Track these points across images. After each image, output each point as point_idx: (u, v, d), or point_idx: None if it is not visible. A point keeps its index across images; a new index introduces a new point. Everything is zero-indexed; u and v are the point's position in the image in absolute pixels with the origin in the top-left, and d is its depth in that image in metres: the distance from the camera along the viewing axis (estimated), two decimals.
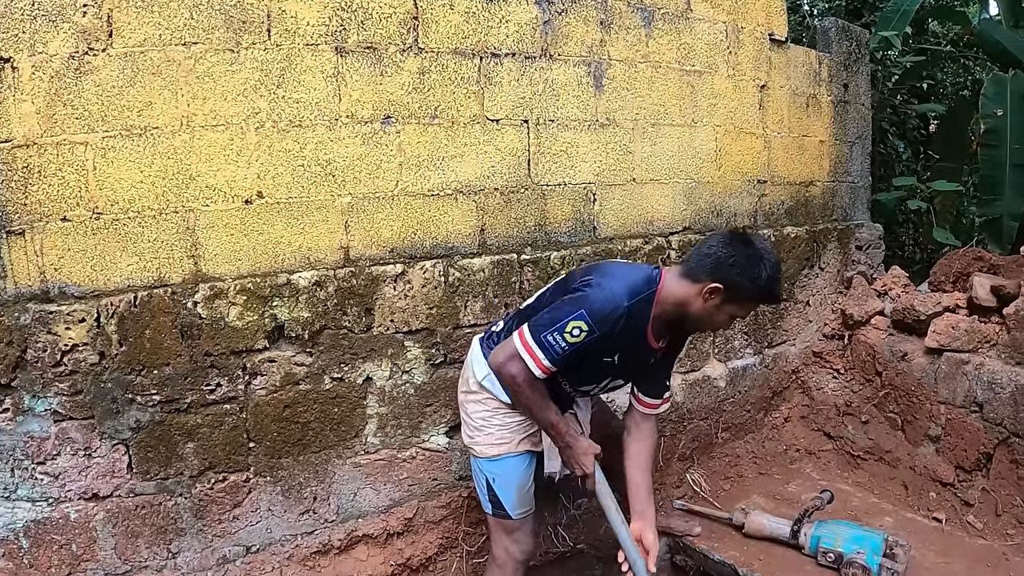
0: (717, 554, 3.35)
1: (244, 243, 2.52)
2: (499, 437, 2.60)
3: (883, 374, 3.90)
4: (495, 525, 2.71)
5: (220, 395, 2.55)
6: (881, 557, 3.03)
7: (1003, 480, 3.33)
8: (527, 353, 2.33)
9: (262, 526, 2.72)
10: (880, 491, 3.82)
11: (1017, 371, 3.30)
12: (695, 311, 2.44)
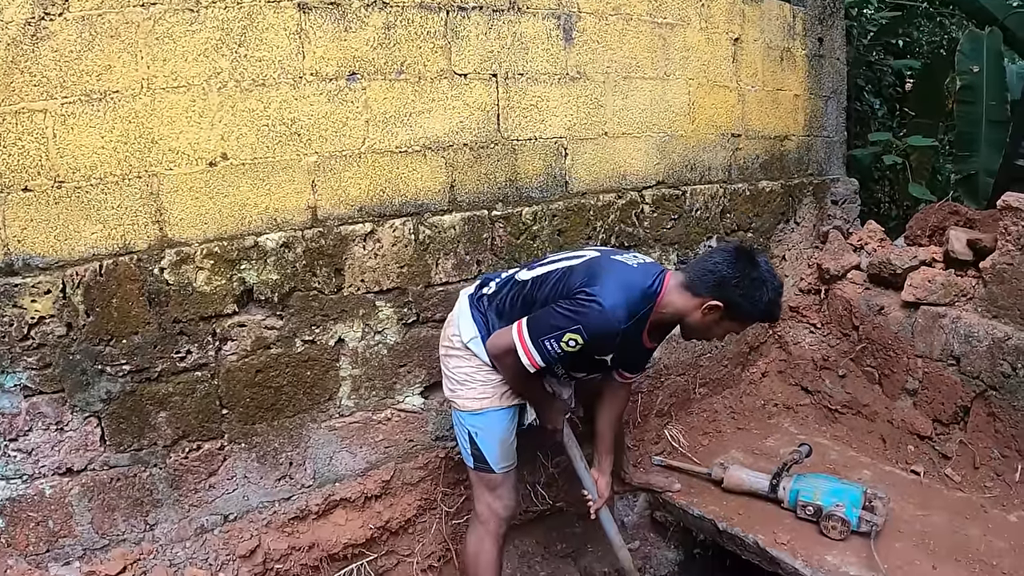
0: (696, 509, 3.45)
1: (209, 206, 2.51)
2: (482, 392, 2.67)
3: (860, 328, 3.99)
4: (477, 482, 2.77)
5: (191, 362, 2.56)
6: (860, 510, 3.15)
7: (980, 433, 3.45)
8: (523, 351, 2.45)
9: (239, 494, 2.76)
10: (858, 445, 3.95)
11: (994, 324, 3.40)
12: (692, 322, 2.57)
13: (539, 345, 2.42)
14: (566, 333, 2.38)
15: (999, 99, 5.32)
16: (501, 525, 2.78)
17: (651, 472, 3.69)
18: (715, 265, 2.48)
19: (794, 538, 3.16)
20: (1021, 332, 3.29)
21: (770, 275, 2.48)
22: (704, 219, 3.90)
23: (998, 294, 3.40)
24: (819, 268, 4.27)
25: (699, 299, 2.49)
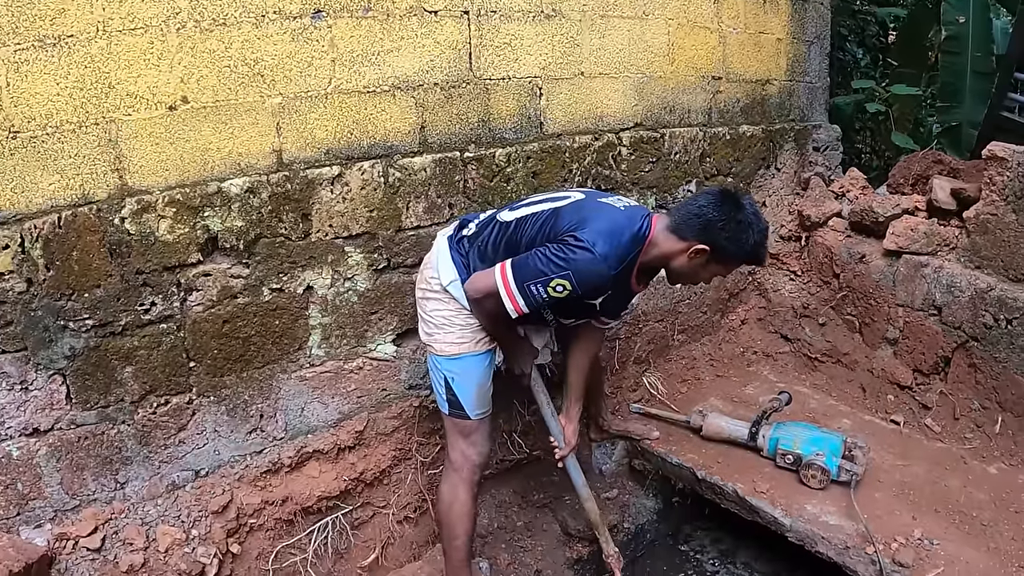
0: (675, 457, 3.52)
1: (171, 152, 2.47)
2: (460, 336, 2.67)
3: (840, 276, 4.05)
4: (452, 428, 2.79)
5: (155, 314, 2.54)
6: (840, 459, 3.23)
7: (961, 384, 3.53)
8: (506, 294, 2.43)
9: (209, 448, 2.77)
10: (838, 393, 4.05)
11: (976, 275, 3.45)
12: (678, 267, 2.59)
13: (524, 290, 2.40)
14: (554, 279, 2.36)
15: (985, 50, 5.36)
16: (475, 472, 2.81)
17: (629, 420, 3.76)
18: (700, 208, 2.49)
19: (773, 487, 3.25)
20: (1004, 283, 3.35)
21: (756, 218, 2.50)
22: (683, 163, 3.90)
23: (981, 244, 3.45)
24: (800, 215, 4.30)
25: (685, 243, 2.51)
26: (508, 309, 2.45)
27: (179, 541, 2.60)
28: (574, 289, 2.38)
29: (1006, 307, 3.29)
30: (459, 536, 2.80)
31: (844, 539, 2.92)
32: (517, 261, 2.45)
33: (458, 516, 2.79)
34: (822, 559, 2.99)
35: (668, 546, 3.88)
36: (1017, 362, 3.27)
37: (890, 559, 2.80)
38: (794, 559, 3.47)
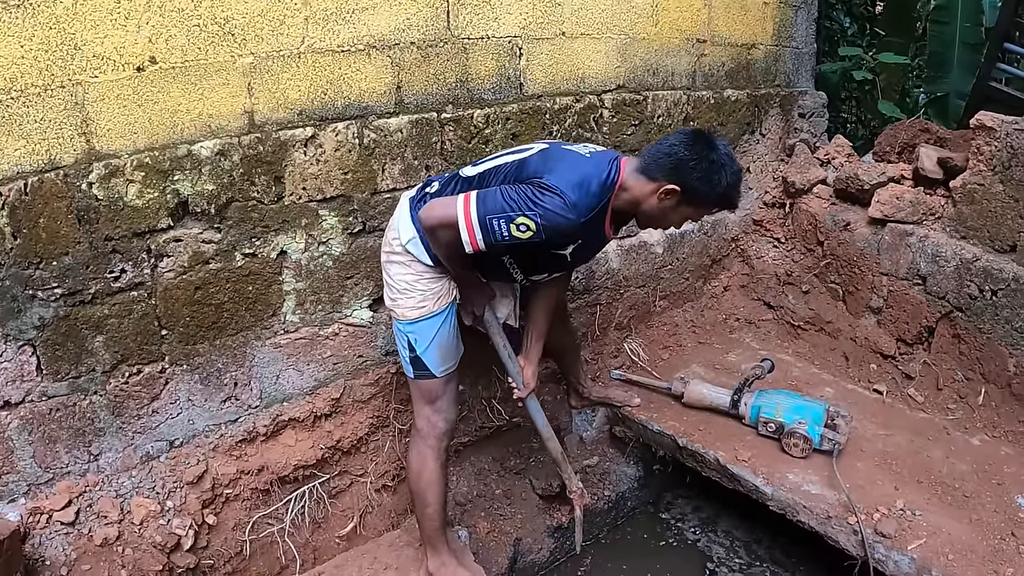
0: (656, 424, 3.57)
1: (139, 114, 2.45)
2: (421, 301, 2.66)
3: (825, 244, 4.09)
4: (417, 395, 2.80)
5: (126, 282, 2.54)
6: (822, 427, 3.28)
7: (945, 355, 3.60)
8: (465, 225, 2.34)
9: (183, 418, 2.80)
10: (821, 362, 4.11)
11: (962, 245, 3.49)
12: (648, 209, 2.54)
13: (485, 224, 2.33)
14: (519, 217, 2.30)
15: (974, 21, 5.37)
16: (441, 439, 2.81)
17: (610, 386, 3.80)
18: (671, 148, 2.45)
19: (755, 455, 3.31)
20: (990, 254, 3.40)
21: (729, 159, 2.47)
22: (666, 126, 3.90)
23: (968, 214, 3.49)
24: (784, 181, 4.32)
25: (655, 184, 2.47)
26: (464, 242, 2.36)
27: (154, 513, 2.64)
28: (538, 233, 2.32)
29: (991, 278, 3.34)
30: (430, 504, 2.81)
31: (826, 508, 2.98)
32: (483, 192, 2.39)
33: (427, 484, 2.80)
34: (804, 528, 3.06)
35: (649, 514, 3.96)
36: (1001, 333, 3.33)
37: (872, 529, 2.86)
38: (775, 528, 3.56)
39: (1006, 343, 3.31)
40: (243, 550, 2.92)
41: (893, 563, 2.79)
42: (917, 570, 2.73)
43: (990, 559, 2.72)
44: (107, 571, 2.44)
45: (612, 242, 3.67)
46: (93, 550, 2.48)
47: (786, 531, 3.43)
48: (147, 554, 2.56)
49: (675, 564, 3.65)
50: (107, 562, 2.47)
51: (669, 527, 3.87)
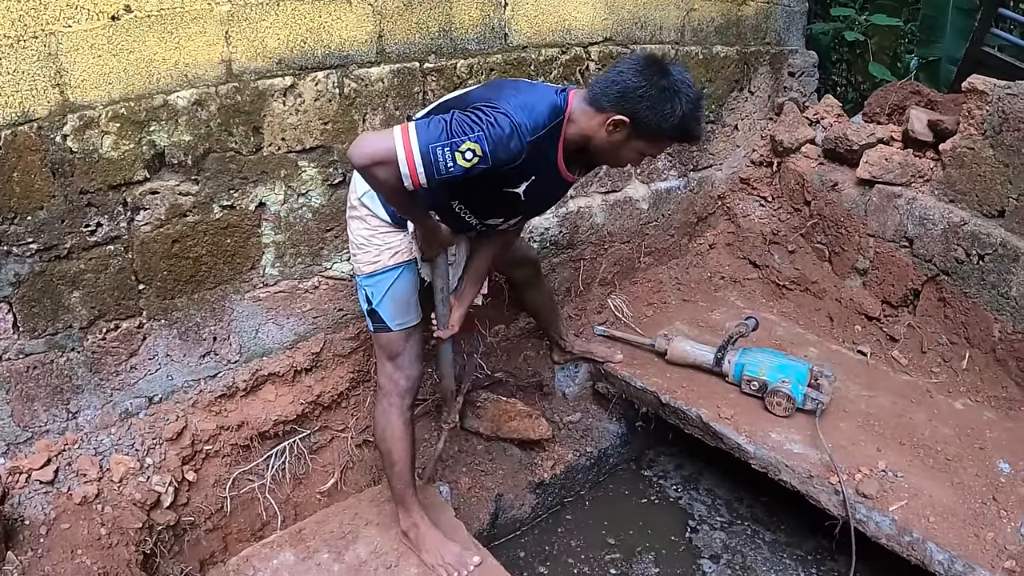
0: (639, 381, 3.64)
1: (114, 64, 2.45)
2: (376, 255, 2.66)
3: (812, 203, 4.14)
4: (379, 351, 2.81)
5: (102, 236, 2.56)
6: (806, 387, 3.36)
7: (930, 318, 3.67)
8: (406, 159, 2.12)
9: (162, 373, 2.84)
10: (805, 321, 4.18)
11: (950, 208, 3.55)
12: (599, 143, 2.42)
13: (428, 155, 2.11)
14: (465, 141, 2.12)
15: None
16: (404, 397, 2.80)
17: (593, 342, 3.87)
18: (618, 75, 2.31)
19: (738, 413, 3.39)
20: (978, 218, 3.45)
21: (684, 85, 2.29)
22: None
23: (957, 178, 3.54)
24: (772, 140, 4.36)
25: (603, 115, 2.33)
26: (403, 176, 2.14)
27: (133, 470, 2.69)
28: (485, 156, 2.15)
29: (979, 242, 3.41)
30: (396, 463, 2.83)
31: (808, 468, 3.07)
32: (421, 121, 2.19)
33: (392, 442, 2.81)
34: (785, 487, 3.15)
35: (631, 471, 4.06)
36: (987, 298, 3.41)
37: (854, 490, 2.95)
38: (757, 487, 3.67)
39: (991, 308, 3.40)
40: (224, 506, 2.98)
41: (874, 524, 2.88)
42: (898, 531, 2.82)
43: (971, 522, 2.82)
44: (86, 529, 2.50)
45: (597, 196, 3.71)
46: (72, 508, 2.53)
47: (768, 490, 3.53)
48: (127, 512, 2.62)
49: (657, 521, 3.75)
50: (86, 520, 2.52)
51: (651, 484, 3.98)
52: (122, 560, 2.51)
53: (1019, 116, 3.23)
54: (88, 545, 2.46)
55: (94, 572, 2.39)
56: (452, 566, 2.84)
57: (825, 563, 3.47)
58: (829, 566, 3.45)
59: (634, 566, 3.50)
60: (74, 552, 2.41)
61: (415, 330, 2.79)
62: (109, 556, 2.48)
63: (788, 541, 3.59)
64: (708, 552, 3.56)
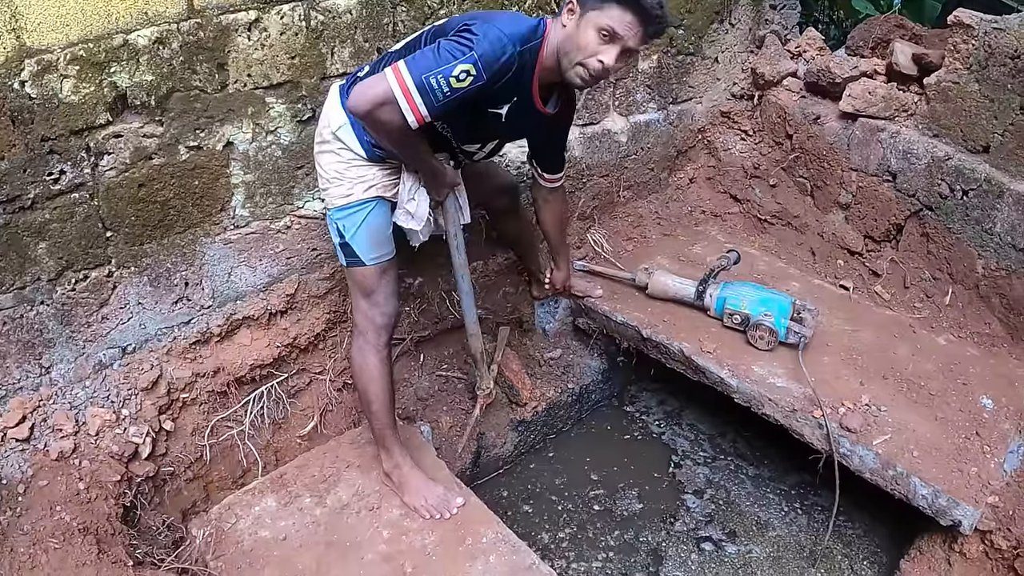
0: (620, 315, 3.69)
1: (71, 5, 2.40)
2: (349, 189, 2.68)
3: (794, 137, 4.15)
4: (353, 288, 2.83)
5: (66, 183, 2.55)
6: (788, 320, 3.41)
7: (913, 253, 3.72)
8: (403, 96, 2.26)
9: (134, 322, 2.86)
10: (787, 256, 4.23)
11: (934, 143, 3.56)
12: (562, 44, 2.46)
13: (423, 85, 2.24)
14: (457, 65, 2.24)
15: None
16: (380, 335, 2.83)
17: (572, 277, 3.85)
18: None
19: (720, 347, 3.46)
20: (962, 154, 3.47)
21: None
22: None
23: (941, 112, 3.55)
24: (754, 73, 4.34)
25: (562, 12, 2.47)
26: (405, 113, 2.28)
27: (109, 423, 2.73)
28: (479, 74, 2.27)
29: (963, 178, 3.43)
30: (373, 402, 2.86)
31: (791, 402, 3.15)
32: (411, 56, 2.31)
33: (369, 381, 2.84)
34: (768, 422, 3.24)
35: (614, 407, 4.16)
36: (971, 234, 3.46)
37: (837, 424, 3.03)
38: (740, 421, 3.77)
39: (975, 244, 3.45)
40: (203, 455, 3.04)
41: (858, 458, 2.97)
42: (882, 465, 2.91)
43: (954, 457, 2.91)
44: (64, 485, 2.53)
45: (574, 129, 3.70)
46: (49, 465, 2.56)
47: (751, 425, 3.63)
48: (104, 465, 2.66)
49: (640, 457, 3.86)
50: (64, 476, 2.56)
51: (634, 420, 4.08)
52: (102, 514, 2.55)
53: (1005, 51, 3.23)
54: (67, 501, 2.49)
55: (74, 528, 2.42)
56: (435, 507, 2.90)
57: (808, 497, 3.59)
58: (812, 500, 3.58)
59: (618, 502, 3.61)
60: (53, 509, 2.45)
61: (390, 265, 2.81)
62: (88, 511, 2.52)
63: (771, 476, 3.72)
64: (692, 487, 3.68)
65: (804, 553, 3.36)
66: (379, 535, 2.84)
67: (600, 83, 2.99)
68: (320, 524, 2.88)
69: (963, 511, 2.73)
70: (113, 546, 2.49)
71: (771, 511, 3.56)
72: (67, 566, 2.29)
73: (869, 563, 3.31)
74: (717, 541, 3.43)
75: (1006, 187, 3.29)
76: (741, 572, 3.30)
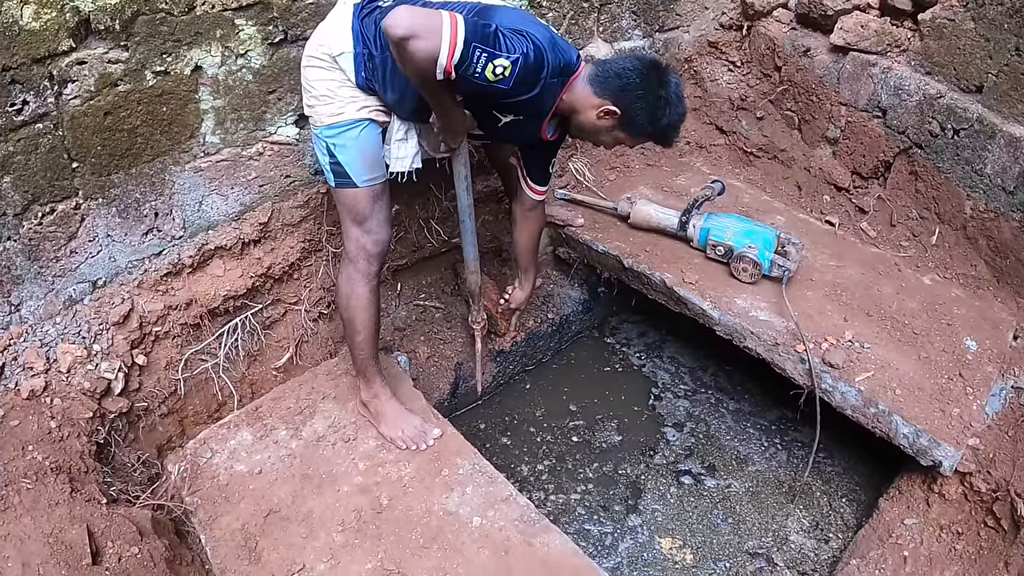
0: (601, 245, 3.73)
1: None
2: (340, 108, 2.66)
3: (782, 69, 4.16)
4: (344, 213, 2.82)
5: (29, 114, 2.52)
6: (773, 253, 3.46)
7: (900, 191, 3.76)
8: (449, 43, 2.24)
9: (104, 255, 2.87)
10: (772, 190, 4.27)
11: (926, 80, 3.58)
12: (584, 121, 2.75)
13: (469, 49, 2.26)
14: (501, 56, 2.32)
15: None
16: (372, 263, 2.84)
17: (553, 205, 3.91)
18: (624, 71, 2.63)
19: (703, 279, 3.51)
20: (954, 92, 3.49)
21: (677, 99, 2.67)
22: None
23: (935, 49, 3.55)
24: (743, 3, 4.31)
25: (599, 99, 2.66)
26: (439, 56, 2.24)
27: (81, 359, 2.75)
28: (509, 79, 2.37)
29: (955, 116, 3.46)
30: (359, 332, 2.89)
31: (774, 335, 3.22)
32: (472, 20, 2.30)
33: (356, 311, 2.86)
34: (750, 356, 3.31)
35: (594, 339, 4.23)
36: (960, 174, 3.50)
37: (820, 359, 3.11)
38: (721, 355, 3.85)
39: (964, 185, 3.49)
40: (177, 389, 3.08)
41: (840, 394, 3.06)
42: (864, 402, 3.00)
43: (937, 398, 2.99)
44: (36, 424, 2.56)
45: None
46: (21, 404, 2.59)
47: (732, 360, 3.72)
48: (76, 402, 2.69)
49: (620, 389, 3.95)
50: (36, 415, 2.58)
51: (614, 352, 4.16)
52: (74, 452, 2.59)
53: None
54: (39, 440, 2.53)
55: (46, 467, 2.45)
56: (412, 438, 2.98)
57: (788, 433, 3.71)
58: (792, 436, 3.69)
59: (597, 434, 3.70)
60: (25, 449, 2.47)
61: (384, 189, 2.81)
62: (61, 449, 2.56)
63: (752, 411, 3.82)
64: (671, 420, 3.78)
65: (783, 489, 3.48)
66: (355, 467, 2.91)
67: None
68: (296, 457, 2.94)
69: (944, 452, 2.82)
70: (87, 484, 2.53)
71: (751, 446, 3.67)
72: (39, 506, 2.32)
73: (848, 501, 3.43)
74: (696, 475, 3.55)
75: (998, 128, 3.32)
76: (720, 506, 3.41)
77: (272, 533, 2.67)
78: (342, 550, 2.62)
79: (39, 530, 2.24)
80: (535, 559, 2.60)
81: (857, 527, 3.24)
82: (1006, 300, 3.46)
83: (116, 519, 2.45)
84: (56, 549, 2.20)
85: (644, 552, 3.26)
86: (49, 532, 2.24)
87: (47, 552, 2.18)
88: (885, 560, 2.92)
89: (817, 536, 3.31)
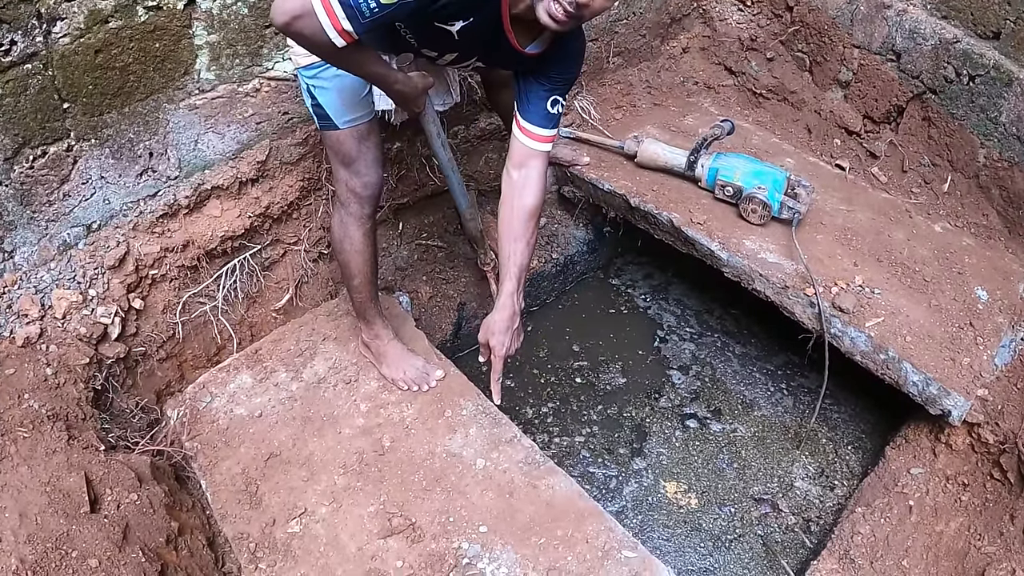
0: (607, 184, 3.71)
1: None
2: None
3: (794, 9, 4.10)
4: (332, 156, 2.77)
5: (17, 54, 2.51)
6: (782, 195, 3.44)
7: (912, 137, 3.73)
8: (323, 7, 2.00)
9: (98, 198, 2.87)
10: (782, 132, 4.23)
11: (942, 25, 3.52)
12: None
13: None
14: None
15: None
16: (363, 206, 2.78)
17: (558, 144, 3.84)
18: None
19: (711, 219, 3.50)
20: (971, 38, 3.44)
21: None
22: None
23: None
24: None
25: None
26: (327, 30, 2.03)
27: (76, 304, 2.77)
28: None
29: (971, 62, 3.42)
30: (355, 276, 2.87)
31: (783, 278, 3.22)
32: None
33: (350, 255, 2.83)
34: (758, 298, 3.32)
35: (599, 280, 4.24)
36: (975, 122, 3.47)
37: (830, 303, 3.12)
38: (727, 298, 3.87)
39: (978, 132, 3.47)
40: (175, 333, 3.11)
41: (849, 340, 3.07)
42: (874, 348, 3.01)
43: (947, 346, 3.01)
44: (32, 372, 2.58)
45: None
46: (16, 352, 2.61)
47: (738, 303, 3.73)
48: (72, 348, 2.71)
49: (624, 330, 3.97)
50: (31, 363, 2.61)
51: (619, 293, 4.17)
52: (71, 399, 2.62)
53: None
54: (35, 388, 2.55)
55: (43, 415, 2.48)
56: (414, 379, 3.00)
57: (795, 379, 3.73)
58: (799, 382, 3.72)
59: (601, 376, 3.73)
60: (20, 397, 2.50)
61: (370, 129, 2.72)
62: (57, 396, 2.59)
63: (758, 355, 3.85)
64: (677, 363, 3.81)
65: (789, 434, 3.52)
66: (356, 408, 2.94)
67: None
68: (296, 399, 2.97)
69: (953, 401, 2.84)
70: (84, 431, 2.56)
71: (757, 390, 3.70)
72: (36, 455, 2.35)
73: (854, 448, 3.47)
74: (702, 419, 3.59)
75: (1015, 76, 3.29)
76: (725, 451, 3.45)
77: (273, 477, 2.71)
78: (344, 493, 2.66)
79: (36, 479, 2.27)
80: (540, 501, 2.64)
81: (863, 475, 3.27)
82: (1017, 251, 3.45)
83: (114, 466, 2.48)
84: (54, 497, 2.23)
85: (649, 496, 3.31)
86: (46, 480, 2.27)
87: (44, 501, 2.21)
88: (891, 509, 2.96)
89: (822, 483, 3.36)
